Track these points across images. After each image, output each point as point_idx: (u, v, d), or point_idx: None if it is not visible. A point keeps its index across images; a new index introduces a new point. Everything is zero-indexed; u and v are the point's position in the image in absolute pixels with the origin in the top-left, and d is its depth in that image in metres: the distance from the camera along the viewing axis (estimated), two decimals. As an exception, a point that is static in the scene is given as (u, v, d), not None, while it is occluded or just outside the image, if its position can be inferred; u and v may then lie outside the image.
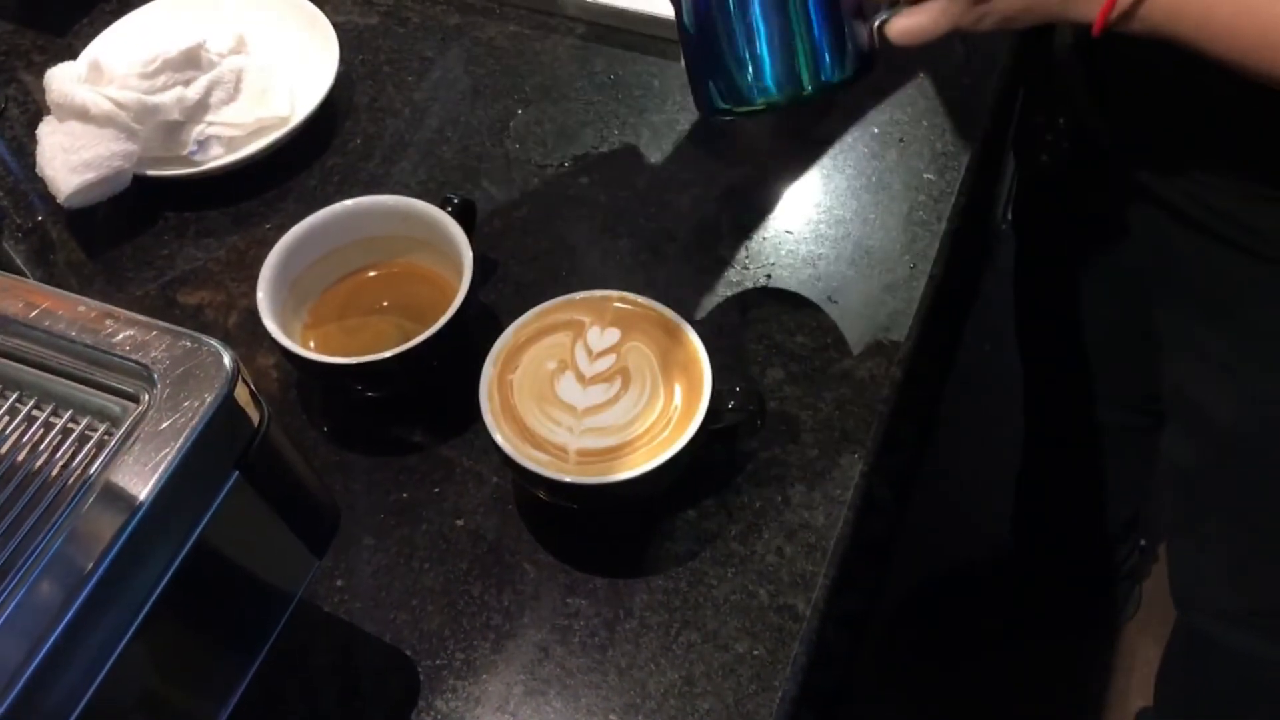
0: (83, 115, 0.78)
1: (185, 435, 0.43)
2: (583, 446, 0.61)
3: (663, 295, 0.65)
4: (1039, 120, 0.90)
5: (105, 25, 0.91)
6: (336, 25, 0.89)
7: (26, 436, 0.46)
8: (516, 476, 0.64)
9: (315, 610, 0.63)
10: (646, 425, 0.61)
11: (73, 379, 0.47)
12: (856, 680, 1.33)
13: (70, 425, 0.46)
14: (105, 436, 0.46)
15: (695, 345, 0.63)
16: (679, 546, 0.64)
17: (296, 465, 0.51)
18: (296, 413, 0.72)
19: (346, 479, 0.68)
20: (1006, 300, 1.16)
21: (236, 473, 0.46)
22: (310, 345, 0.69)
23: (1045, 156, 0.92)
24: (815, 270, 0.76)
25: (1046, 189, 0.99)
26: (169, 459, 0.43)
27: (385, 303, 0.72)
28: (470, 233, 0.69)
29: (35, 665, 0.39)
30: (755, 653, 0.60)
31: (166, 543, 0.44)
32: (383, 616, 0.63)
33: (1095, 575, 1.37)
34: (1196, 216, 0.75)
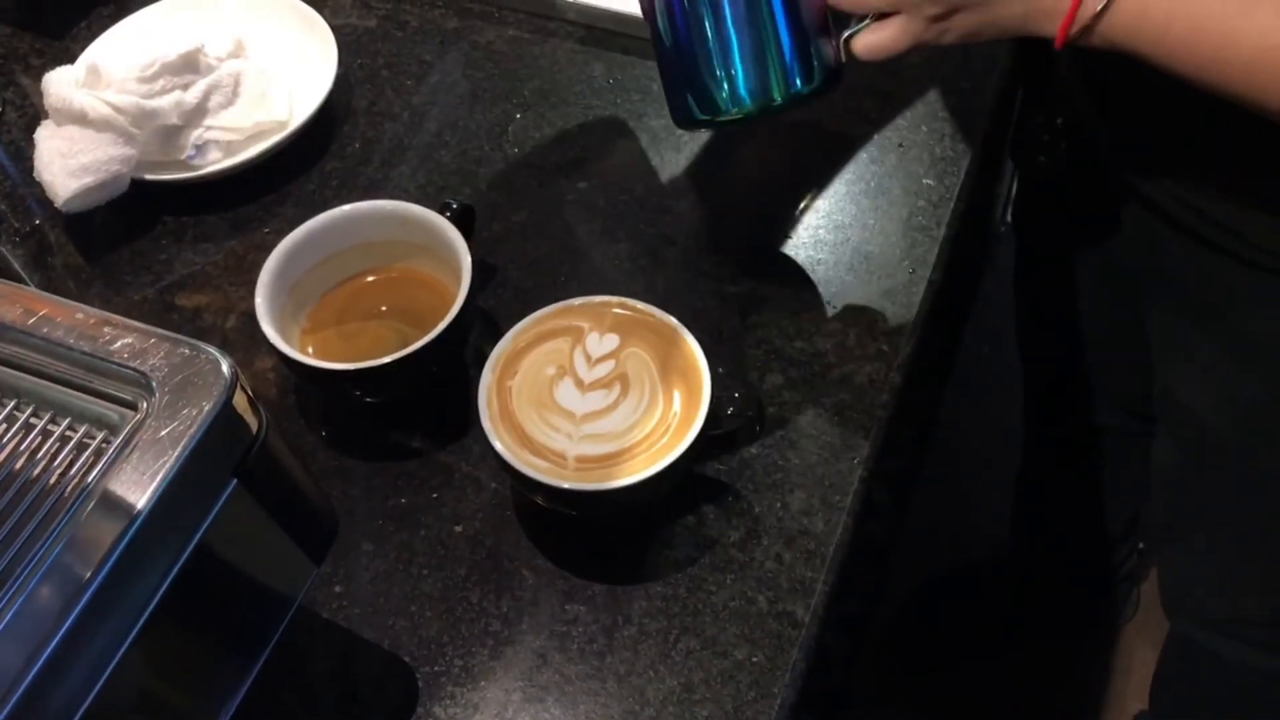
0: (81, 119, 0.78)
1: (184, 443, 0.43)
2: (581, 453, 0.60)
3: (662, 301, 0.65)
4: (1037, 121, 0.90)
5: (103, 29, 0.91)
6: (335, 29, 0.89)
7: (25, 444, 0.46)
8: (515, 482, 0.64)
9: (314, 617, 0.63)
10: (645, 431, 0.61)
11: (71, 386, 0.47)
12: (856, 685, 1.33)
13: (68, 433, 0.46)
14: (103, 444, 0.45)
15: (694, 351, 0.63)
16: (678, 553, 0.64)
17: (295, 472, 0.51)
18: (295, 418, 0.72)
19: (345, 484, 0.68)
20: (1006, 302, 1.16)
21: (235, 480, 0.46)
22: (308, 350, 0.69)
23: (1043, 157, 0.92)
24: (814, 276, 0.76)
25: (1045, 190, 0.99)
26: (167, 467, 0.43)
27: (384, 308, 0.72)
28: (469, 237, 0.69)
29: (34, 673, 0.39)
30: (754, 659, 0.60)
31: (165, 550, 0.43)
32: (381, 623, 0.63)
33: (1094, 577, 1.37)
34: (1187, 220, 0.75)
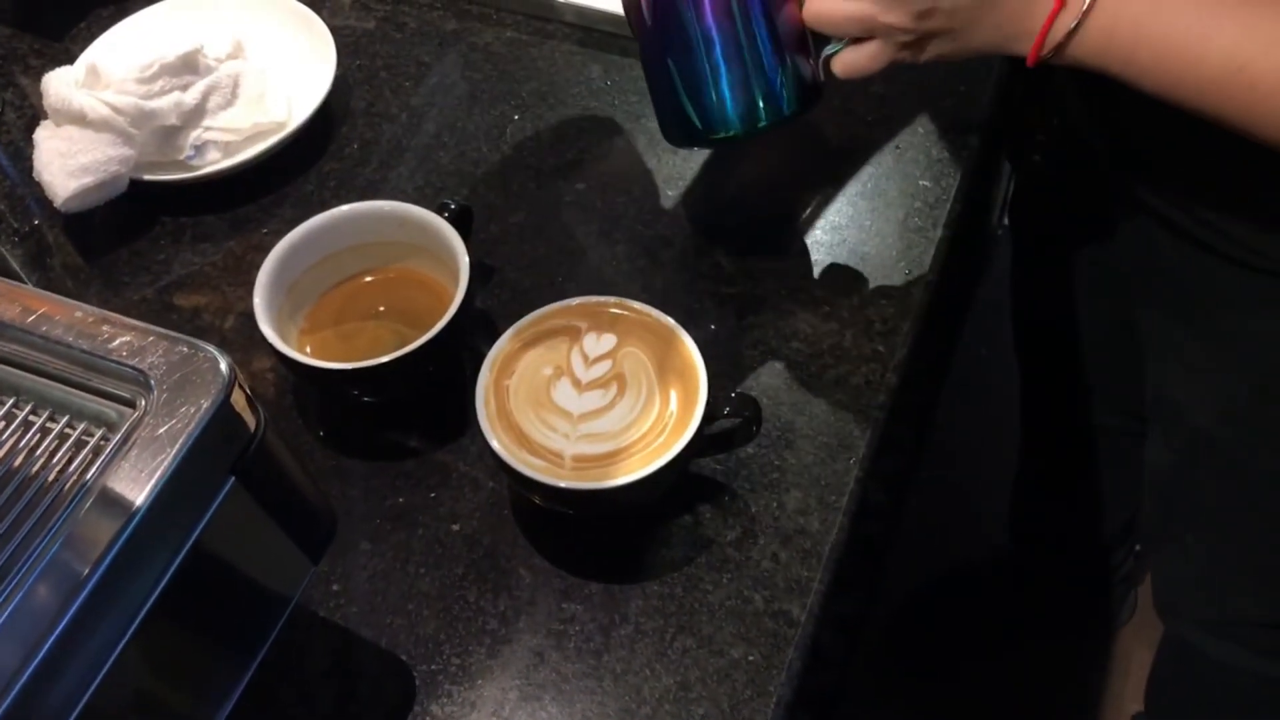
0: (80, 120, 0.78)
1: (181, 441, 0.43)
2: (578, 452, 0.61)
3: (659, 301, 0.65)
4: (1033, 122, 0.90)
5: (102, 30, 0.91)
6: (334, 30, 0.89)
7: (23, 441, 0.46)
8: (512, 482, 0.64)
9: (311, 615, 0.63)
10: (642, 431, 0.61)
11: (69, 384, 0.47)
12: (852, 685, 1.33)
13: (67, 430, 0.46)
14: (102, 442, 0.46)
15: (691, 351, 0.63)
16: (674, 552, 0.64)
17: (293, 471, 0.51)
18: (292, 418, 0.72)
19: (343, 484, 0.69)
20: (1002, 304, 1.17)
21: (233, 478, 0.46)
22: (306, 350, 0.69)
23: (1039, 158, 0.92)
24: (811, 277, 0.76)
25: (1041, 191, 1.00)
26: (165, 464, 0.43)
27: (382, 308, 0.72)
28: (467, 238, 0.70)
29: (31, 670, 0.39)
30: (750, 658, 0.60)
31: (163, 548, 0.44)
32: (379, 621, 0.63)
33: (1091, 578, 1.37)
34: (1176, 220, 0.75)
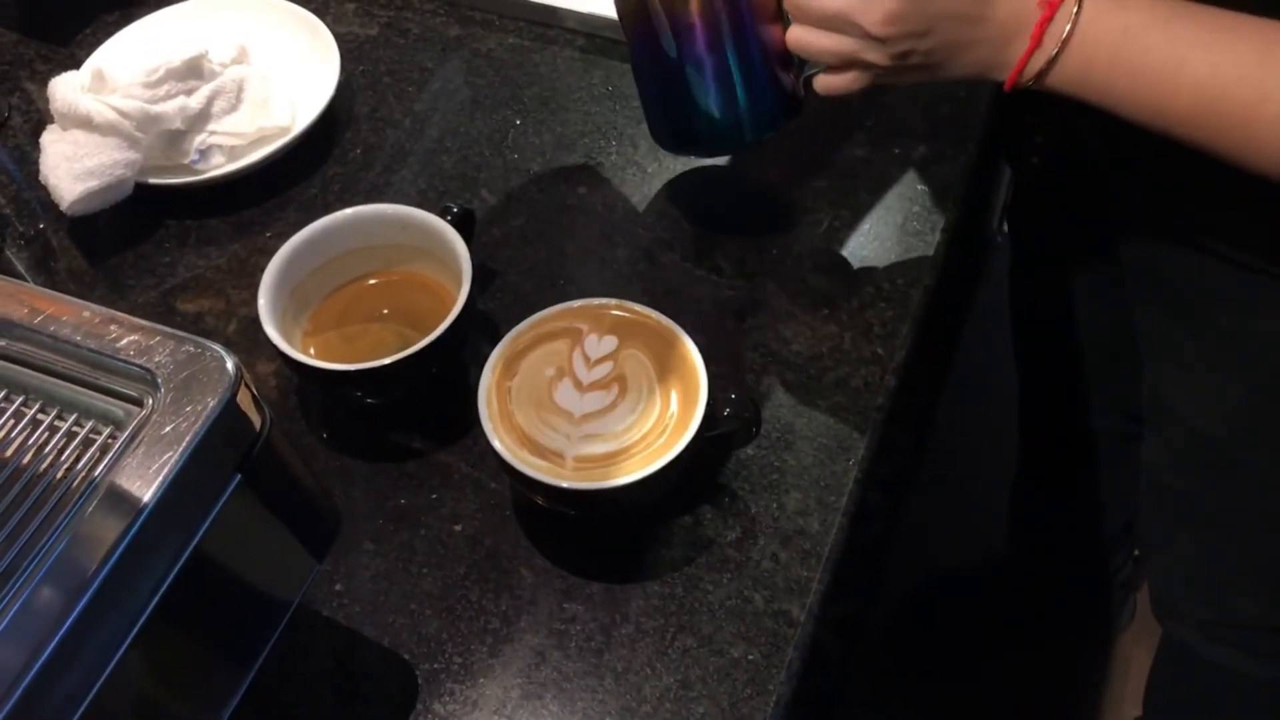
0: (86, 124, 0.78)
1: (188, 439, 0.44)
2: (580, 452, 0.61)
3: (659, 304, 0.66)
4: (1030, 122, 0.91)
5: (108, 35, 0.92)
6: (337, 36, 0.90)
7: (31, 440, 0.47)
8: (514, 482, 0.65)
9: (314, 614, 0.64)
10: (643, 432, 0.62)
11: (77, 383, 0.47)
12: (851, 685, 1.34)
13: (74, 429, 0.47)
14: (109, 440, 0.46)
15: (691, 353, 0.64)
16: (675, 552, 0.65)
17: (297, 469, 0.52)
18: (296, 419, 0.72)
19: (346, 485, 0.69)
20: (1001, 308, 1.17)
21: (238, 476, 0.46)
22: (310, 352, 0.69)
23: (1037, 159, 0.92)
24: (810, 280, 0.76)
25: (1040, 192, 1.00)
26: (172, 462, 0.43)
27: (385, 310, 0.72)
28: (469, 241, 0.70)
29: (38, 667, 0.39)
30: (750, 657, 0.61)
31: (169, 545, 0.44)
32: (381, 620, 0.63)
33: (1090, 582, 1.37)
34: (1171, 220, 0.75)
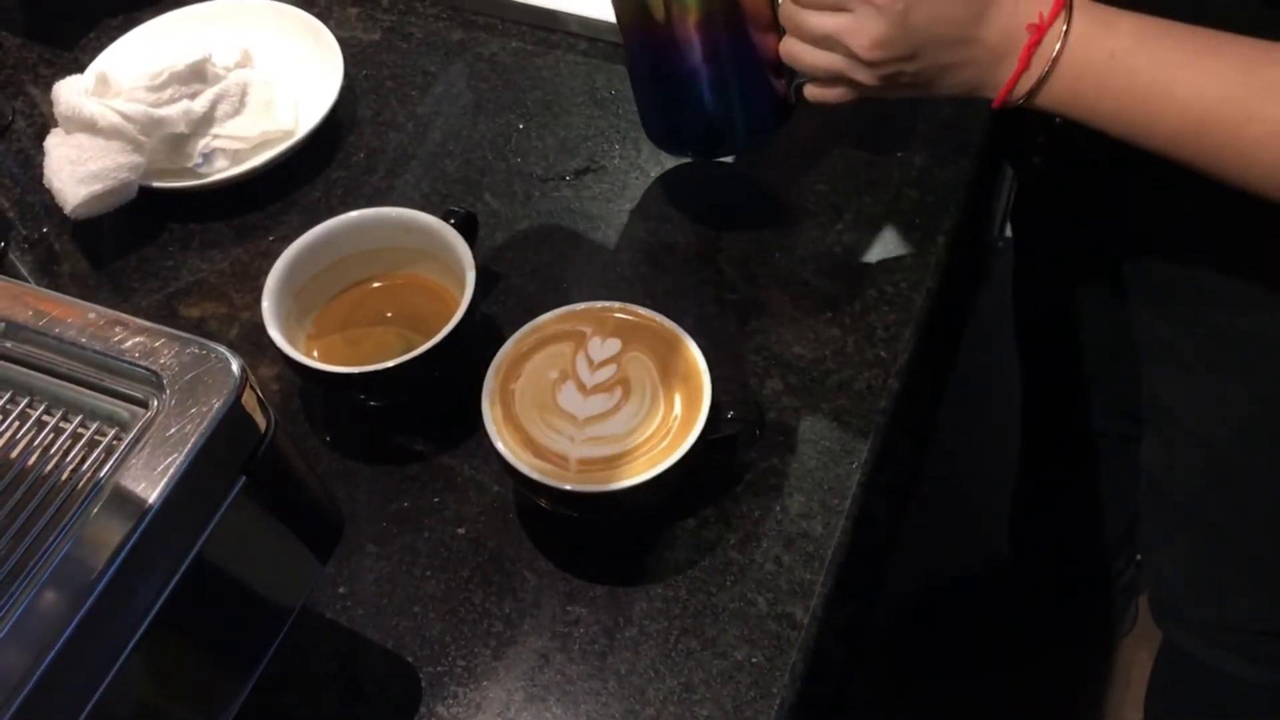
0: (90, 128, 0.79)
1: (193, 440, 0.44)
2: (583, 455, 0.61)
3: (662, 307, 0.66)
4: (1032, 123, 0.91)
5: (112, 39, 0.92)
6: (341, 40, 0.90)
7: (36, 441, 0.47)
8: (518, 485, 0.65)
9: (318, 617, 0.64)
10: (646, 435, 0.62)
11: (82, 384, 0.48)
12: (853, 688, 1.34)
13: (80, 430, 0.47)
14: (114, 441, 0.46)
15: (695, 356, 0.64)
16: (678, 555, 0.65)
17: (302, 471, 0.52)
18: (300, 422, 0.72)
19: (349, 487, 0.69)
20: (1004, 312, 1.17)
21: (243, 478, 0.46)
22: (314, 355, 0.70)
23: (1039, 160, 0.92)
24: (813, 283, 0.76)
25: (1042, 192, 1.00)
26: (177, 464, 0.43)
27: (388, 313, 0.72)
28: (472, 244, 0.70)
29: (43, 669, 0.39)
30: (754, 660, 0.61)
31: (174, 546, 0.44)
32: (385, 623, 0.64)
33: (1092, 587, 1.37)
34: (1173, 222, 0.75)
